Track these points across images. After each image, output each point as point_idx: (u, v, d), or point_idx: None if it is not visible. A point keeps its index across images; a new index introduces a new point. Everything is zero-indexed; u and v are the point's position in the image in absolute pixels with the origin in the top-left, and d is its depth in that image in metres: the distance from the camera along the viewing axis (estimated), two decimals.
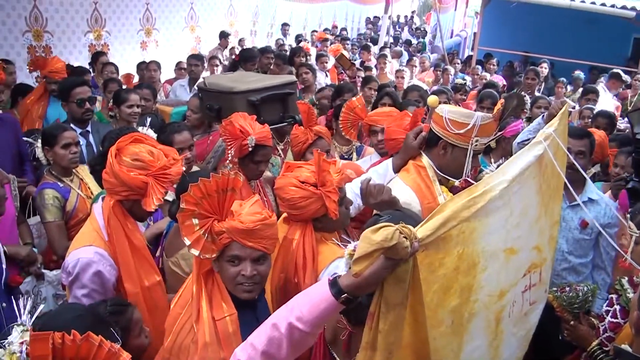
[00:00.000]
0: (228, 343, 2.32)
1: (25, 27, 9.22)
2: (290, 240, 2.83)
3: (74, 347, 1.55)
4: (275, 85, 4.75)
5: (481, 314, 2.15)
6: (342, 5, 20.40)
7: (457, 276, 2.01)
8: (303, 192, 2.78)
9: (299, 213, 2.83)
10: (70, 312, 2.12)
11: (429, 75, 11.64)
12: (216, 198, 2.33)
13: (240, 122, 3.86)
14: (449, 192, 3.29)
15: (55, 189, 4.01)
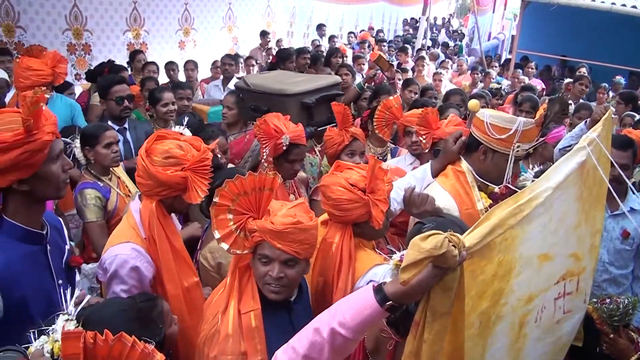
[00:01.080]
0: (250, 337, 2.33)
1: (65, 26, 9.39)
2: (329, 243, 2.79)
3: (106, 346, 1.54)
4: (326, 87, 4.75)
5: (507, 317, 2.11)
6: (379, 6, 20.30)
7: (494, 281, 1.98)
8: (350, 195, 2.73)
9: (342, 215, 2.77)
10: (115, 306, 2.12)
11: (466, 79, 11.52)
12: (253, 196, 2.34)
13: (274, 121, 3.88)
14: (487, 199, 3.24)
15: (96, 188, 4.01)
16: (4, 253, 2.26)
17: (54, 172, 2.34)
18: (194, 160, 2.79)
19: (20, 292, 2.27)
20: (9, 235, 2.32)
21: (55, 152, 2.33)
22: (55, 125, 2.34)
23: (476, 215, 3.14)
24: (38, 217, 2.44)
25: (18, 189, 2.27)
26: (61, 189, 2.42)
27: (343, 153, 4.25)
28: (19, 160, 2.18)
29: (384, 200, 2.72)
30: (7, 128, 2.18)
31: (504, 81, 11.42)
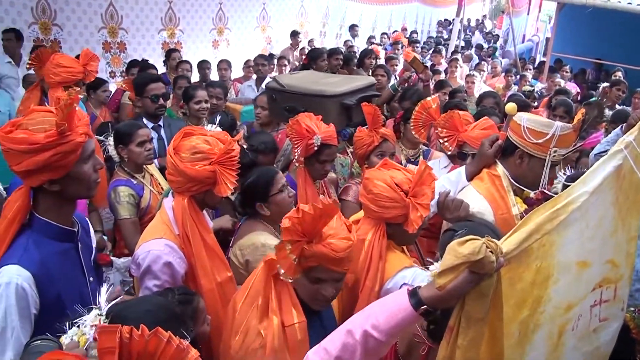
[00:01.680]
0: (296, 350, 2.29)
1: (101, 24, 9.52)
2: (361, 240, 2.75)
3: (142, 341, 1.53)
4: (364, 87, 4.74)
5: (545, 326, 2.08)
6: (413, 7, 20.22)
7: (532, 289, 1.96)
8: (392, 194, 2.71)
9: (378, 211, 2.76)
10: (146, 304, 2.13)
11: (500, 81, 11.41)
12: (311, 224, 2.23)
13: (306, 121, 3.88)
14: (523, 203, 3.19)
15: (130, 186, 4.04)
16: (39, 251, 2.27)
17: (86, 172, 2.33)
18: (220, 154, 2.80)
19: (56, 289, 2.29)
20: (42, 233, 2.33)
21: (87, 152, 2.33)
22: (88, 126, 2.34)
23: (511, 220, 3.10)
24: (69, 215, 2.45)
25: (49, 189, 2.27)
26: (92, 188, 2.42)
27: (373, 154, 4.22)
28: (51, 161, 2.18)
29: (426, 206, 2.70)
30: (40, 128, 2.18)
31: (538, 84, 11.29)
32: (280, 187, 3.37)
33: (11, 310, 2.16)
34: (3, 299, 2.15)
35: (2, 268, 2.20)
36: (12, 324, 2.16)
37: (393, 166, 2.88)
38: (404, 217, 2.72)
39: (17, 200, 2.29)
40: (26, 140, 2.15)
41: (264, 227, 3.36)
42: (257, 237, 3.27)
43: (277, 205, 3.35)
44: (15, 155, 2.17)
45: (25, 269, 2.20)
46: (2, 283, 2.16)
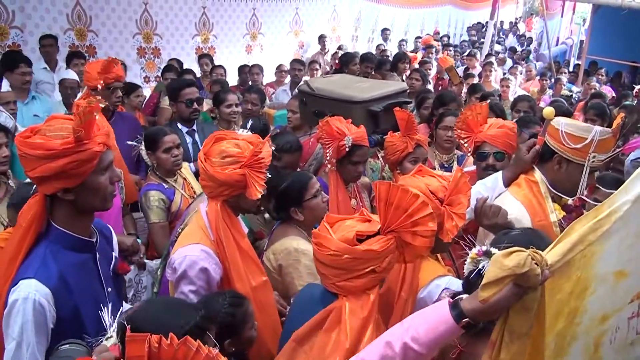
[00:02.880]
0: None
1: (136, 30, 9.63)
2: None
3: (171, 350, 1.53)
4: (393, 94, 4.71)
5: (581, 338, 2.03)
6: (445, 10, 20.09)
7: (570, 300, 1.92)
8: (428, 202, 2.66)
9: None
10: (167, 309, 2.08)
11: (535, 85, 11.27)
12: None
13: (336, 124, 3.90)
14: (561, 210, 3.14)
15: (161, 190, 4.08)
16: (57, 263, 2.25)
17: (101, 183, 2.29)
18: (249, 156, 2.79)
19: (73, 301, 2.27)
20: (59, 243, 2.30)
21: (104, 163, 2.28)
22: (107, 136, 2.30)
23: (549, 227, 3.05)
24: (87, 226, 2.42)
25: (63, 197, 2.24)
26: (107, 200, 2.37)
27: (406, 160, 4.20)
28: (66, 169, 2.14)
29: (462, 215, 2.63)
30: (57, 135, 2.15)
31: (574, 87, 11.15)
32: (314, 192, 3.36)
33: (28, 326, 2.15)
34: (20, 314, 2.15)
35: (20, 282, 2.18)
36: (28, 339, 2.16)
37: (428, 173, 2.83)
38: (439, 226, 2.63)
39: (32, 208, 2.27)
40: (42, 145, 2.12)
41: (297, 232, 3.36)
42: (291, 242, 3.26)
43: (311, 210, 3.35)
44: (30, 161, 2.15)
45: (44, 284, 2.18)
46: (20, 298, 2.15)
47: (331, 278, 2.25)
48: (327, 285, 2.32)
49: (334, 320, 2.22)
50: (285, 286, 3.22)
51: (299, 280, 3.14)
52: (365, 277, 2.20)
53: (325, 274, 2.28)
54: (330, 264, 2.22)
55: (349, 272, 2.20)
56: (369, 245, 2.16)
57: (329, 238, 2.21)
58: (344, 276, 2.21)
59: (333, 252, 2.17)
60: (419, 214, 2.17)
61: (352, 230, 2.22)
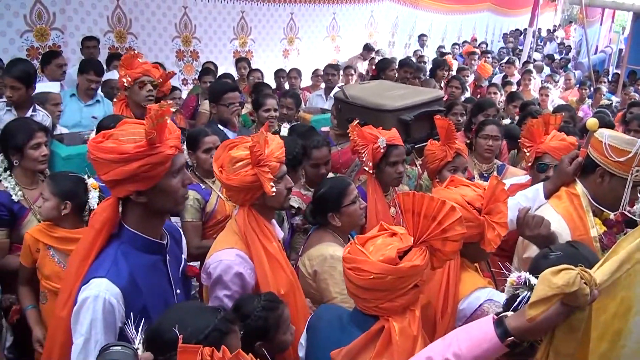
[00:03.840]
0: None
1: (175, 33, 9.74)
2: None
3: None
4: (426, 103, 4.68)
5: None
6: (483, 17, 19.95)
7: (614, 321, 1.88)
8: (465, 214, 2.55)
9: None
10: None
11: (574, 94, 11.12)
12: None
13: (366, 129, 3.92)
14: (602, 225, 3.07)
15: (197, 190, 4.10)
16: (127, 264, 2.28)
17: (174, 185, 2.32)
18: (252, 157, 2.79)
19: (142, 301, 2.29)
20: (130, 244, 2.33)
21: (176, 166, 2.32)
22: (179, 139, 2.33)
23: (589, 242, 2.98)
24: (158, 228, 2.45)
25: (136, 200, 2.27)
26: (179, 203, 2.41)
27: (445, 169, 4.18)
28: (139, 172, 2.17)
29: (504, 224, 2.60)
30: (130, 139, 2.19)
31: (613, 97, 10.98)
32: (352, 198, 3.36)
33: (97, 324, 2.18)
34: (90, 312, 2.18)
35: (92, 280, 2.22)
36: (97, 336, 2.19)
37: (461, 182, 2.80)
38: (479, 236, 2.62)
39: (104, 211, 2.32)
40: (115, 149, 2.16)
41: (333, 238, 3.36)
42: (327, 248, 3.26)
43: (348, 217, 3.34)
44: (103, 165, 2.18)
45: (115, 284, 2.21)
46: (91, 296, 2.19)
47: (372, 301, 2.19)
48: (366, 309, 2.25)
49: (384, 343, 2.16)
50: (320, 292, 3.22)
51: (334, 287, 3.13)
52: (409, 293, 2.17)
53: (365, 298, 2.21)
54: (371, 287, 2.15)
55: (393, 292, 2.15)
56: (411, 261, 2.13)
57: (369, 261, 2.14)
58: (388, 297, 2.16)
59: (376, 274, 2.11)
60: (449, 220, 2.16)
61: (390, 249, 2.16)
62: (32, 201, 3.76)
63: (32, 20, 7.94)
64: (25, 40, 7.96)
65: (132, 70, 4.86)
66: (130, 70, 4.86)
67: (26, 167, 3.81)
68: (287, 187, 3.02)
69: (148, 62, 5.05)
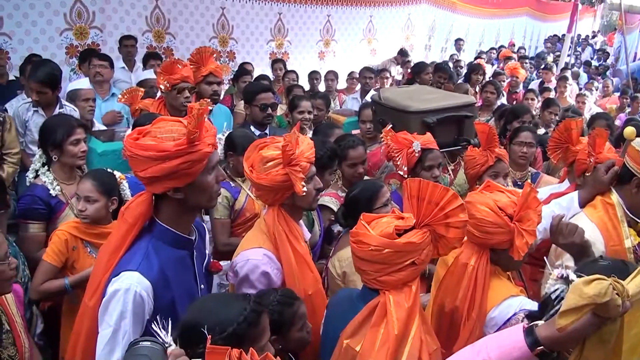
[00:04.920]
0: None
1: (212, 34, 9.84)
2: (464, 265, 2.68)
3: None
4: (453, 107, 4.67)
5: None
6: (521, 21, 19.77)
7: None
8: (496, 219, 2.59)
9: (481, 237, 2.64)
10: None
11: (612, 102, 10.93)
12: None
13: (400, 134, 3.95)
14: (637, 236, 3.03)
15: (227, 188, 4.12)
16: (158, 257, 2.33)
17: (209, 182, 2.37)
18: (284, 156, 2.81)
19: (170, 295, 2.34)
20: (161, 239, 2.38)
21: (212, 163, 2.36)
22: (215, 137, 2.37)
23: (623, 253, 2.96)
24: (189, 224, 2.50)
25: (173, 196, 2.31)
26: (213, 198, 2.46)
27: (486, 174, 4.13)
28: (178, 169, 2.21)
29: (532, 232, 2.58)
30: (169, 137, 2.23)
31: None
32: (384, 201, 3.36)
33: (126, 315, 2.22)
34: (120, 303, 2.22)
35: (123, 273, 2.26)
36: (125, 327, 2.23)
37: (496, 188, 2.79)
38: (509, 243, 2.61)
39: (138, 206, 2.36)
40: (155, 147, 2.20)
41: None
42: None
43: None
44: (141, 162, 2.22)
45: (145, 277, 2.26)
46: (122, 288, 2.23)
47: (372, 274, 2.31)
48: (368, 282, 2.38)
49: (380, 314, 2.27)
50: None
51: None
52: (406, 269, 2.26)
53: (366, 270, 2.34)
54: (371, 259, 2.28)
55: (390, 265, 2.26)
56: (408, 238, 2.24)
57: (369, 234, 2.28)
58: (386, 270, 2.27)
59: (374, 247, 2.24)
60: (450, 206, 2.26)
61: (389, 226, 2.28)
62: (70, 196, 3.82)
63: (71, 19, 8.08)
64: (64, 39, 8.11)
65: (171, 77, 4.89)
66: (169, 76, 4.90)
67: (65, 163, 3.88)
68: (316, 188, 3.04)
69: (187, 65, 5.07)
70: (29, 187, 3.88)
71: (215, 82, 5.28)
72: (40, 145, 3.95)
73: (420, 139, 3.90)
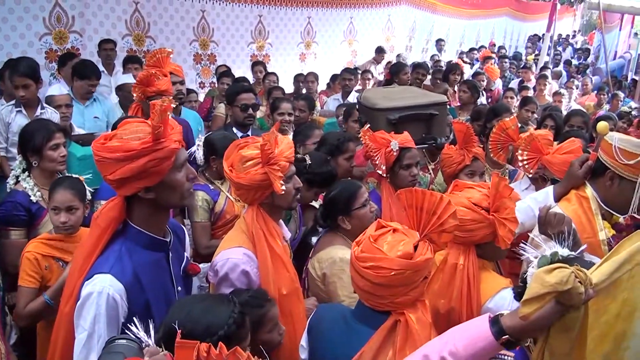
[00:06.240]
0: None
1: (193, 37, 9.83)
2: (454, 265, 2.70)
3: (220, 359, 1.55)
4: (418, 105, 4.71)
5: None
6: (502, 22, 19.90)
7: (616, 323, 1.88)
8: (474, 215, 2.64)
9: (466, 236, 2.67)
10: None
11: (591, 99, 11.05)
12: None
13: (377, 134, 3.96)
14: (611, 228, 3.06)
15: (206, 191, 4.14)
16: (131, 260, 2.32)
17: (179, 180, 2.37)
18: (262, 155, 2.82)
19: (144, 297, 2.33)
20: (135, 242, 2.38)
21: (180, 160, 2.36)
22: (181, 134, 2.38)
23: (597, 245, 2.99)
24: (163, 225, 2.50)
25: (144, 196, 2.31)
26: (185, 197, 2.45)
27: (462, 173, 4.16)
28: (146, 168, 2.22)
29: (513, 219, 2.64)
30: (134, 137, 2.24)
31: (632, 103, 10.90)
32: (363, 202, 3.35)
33: (100, 319, 2.22)
34: (94, 307, 2.22)
35: (96, 276, 2.26)
36: (99, 331, 2.22)
37: (465, 186, 2.84)
38: (492, 235, 2.66)
39: (110, 211, 2.36)
40: (121, 148, 2.20)
41: (343, 241, 3.34)
42: (336, 251, 3.25)
43: (358, 220, 3.32)
44: (109, 165, 2.22)
45: (118, 280, 2.25)
46: (95, 291, 2.22)
47: (388, 297, 2.19)
48: (380, 305, 2.24)
49: (404, 336, 2.17)
50: (328, 295, 3.23)
51: (342, 290, 3.13)
52: (421, 286, 2.22)
53: (382, 295, 2.20)
54: (390, 284, 2.15)
55: (408, 286, 2.17)
56: (424, 255, 2.16)
57: (388, 258, 2.14)
58: (404, 291, 2.17)
59: (396, 271, 2.11)
60: (446, 213, 2.22)
61: (404, 244, 2.18)
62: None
63: (51, 23, 8.01)
64: (44, 43, 8.03)
65: (147, 89, 4.89)
66: (144, 88, 4.89)
67: (45, 168, 3.86)
68: (296, 187, 3.05)
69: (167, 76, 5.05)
70: (9, 193, 3.85)
71: (177, 82, 5.29)
72: (20, 151, 3.93)
73: (398, 138, 3.92)
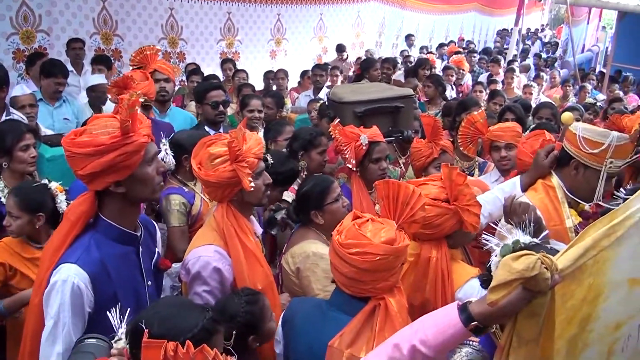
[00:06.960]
0: None
1: (162, 35, 9.76)
2: (427, 259, 2.75)
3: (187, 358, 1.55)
4: (384, 99, 4.76)
5: (595, 346, 2.02)
6: (470, 17, 20.04)
7: (582, 307, 1.90)
8: (437, 210, 2.69)
9: (434, 232, 2.73)
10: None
11: (558, 92, 11.19)
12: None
13: (347, 128, 4.00)
14: (577, 216, 3.12)
15: (181, 194, 4.08)
16: (99, 251, 2.35)
17: (149, 173, 2.40)
18: (230, 152, 2.82)
19: (112, 289, 2.36)
20: (104, 234, 2.40)
21: (150, 154, 2.40)
22: (150, 129, 2.40)
23: (564, 232, 3.05)
24: (134, 219, 2.53)
25: (115, 191, 2.34)
26: (156, 191, 2.49)
27: (431, 166, 4.22)
28: (116, 162, 2.25)
29: (474, 203, 2.70)
30: (103, 132, 2.26)
31: (599, 95, 11.04)
32: (335, 196, 3.37)
33: (64, 307, 2.24)
34: (59, 295, 2.24)
35: (61, 265, 2.28)
36: (64, 319, 2.25)
37: (416, 183, 2.85)
38: (460, 223, 2.73)
39: (81, 205, 2.38)
40: (91, 142, 2.23)
41: (316, 235, 3.37)
42: (309, 245, 3.28)
43: (331, 214, 3.34)
44: (80, 160, 2.25)
45: (83, 269, 2.28)
46: (59, 280, 2.25)
47: (370, 283, 2.25)
48: (361, 292, 2.30)
49: (383, 319, 2.25)
50: (302, 289, 3.24)
51: (316, 283, 3.15)
52: (399, 271, 2.33)
53: (365, 281, 2.25)
54: (374, 269, 2.21)
55: (389, 271, 2.26)
56: (403, 241, 2.26)
57: (373, 244, 2.21)
58: (386, 276, 2.25)
59: (381, 256, 2.19)
60: (418, 204, 2.34)
61: (386, 231, 2.26)
62: None
63: (18, 22, 7.91)
64: (11, 43, 7.93)
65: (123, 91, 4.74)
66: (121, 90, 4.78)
67: (15, 169, 3.84)
68: (265, 183, 3.05)
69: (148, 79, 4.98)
70: None
71: (161, 79, 5.26)
72: None
73: (367, 132, 3.94)
